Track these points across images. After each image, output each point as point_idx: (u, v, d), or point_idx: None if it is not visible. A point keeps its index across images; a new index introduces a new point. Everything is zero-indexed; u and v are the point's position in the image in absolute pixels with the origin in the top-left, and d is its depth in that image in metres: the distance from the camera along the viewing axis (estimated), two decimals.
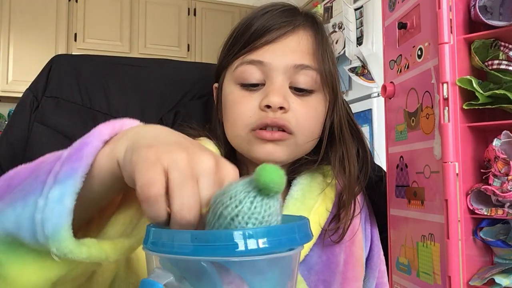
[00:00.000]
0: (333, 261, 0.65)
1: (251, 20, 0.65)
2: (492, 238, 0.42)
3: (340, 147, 0.68)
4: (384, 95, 0.56)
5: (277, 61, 0.62)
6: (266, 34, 0.63)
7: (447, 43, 0.43)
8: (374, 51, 2.10)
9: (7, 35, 3.24)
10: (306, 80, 0.62)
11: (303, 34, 0.64)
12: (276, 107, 0.60)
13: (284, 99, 0.60)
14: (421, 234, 0.48)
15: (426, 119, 0.47)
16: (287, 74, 0.62)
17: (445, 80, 0.42)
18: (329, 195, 0.67)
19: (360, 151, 0.70)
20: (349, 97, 2.31)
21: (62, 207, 0.36)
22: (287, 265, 0.34)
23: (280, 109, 0.60)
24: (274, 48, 0.62)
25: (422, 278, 0.48)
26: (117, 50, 3.40)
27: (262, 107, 0.61)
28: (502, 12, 0.44)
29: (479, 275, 0.42)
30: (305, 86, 0.63)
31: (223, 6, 3.81)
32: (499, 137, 0.41)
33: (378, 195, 0.71)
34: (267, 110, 0.60)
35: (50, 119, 0.68)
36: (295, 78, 0.62)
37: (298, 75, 0.62)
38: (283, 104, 0.60)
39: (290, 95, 0.62)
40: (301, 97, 0.63)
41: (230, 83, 0.65)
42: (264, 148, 0.61)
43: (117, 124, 0.42)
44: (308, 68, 0.63)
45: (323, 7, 2.59)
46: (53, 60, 0.74)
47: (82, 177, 0.37)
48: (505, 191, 0.40)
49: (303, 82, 0.62)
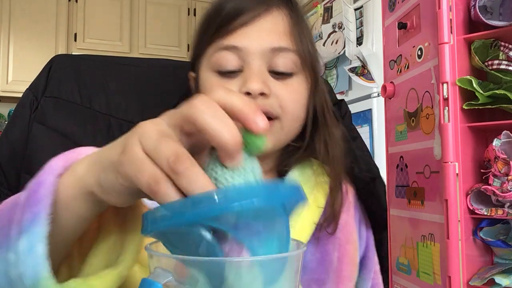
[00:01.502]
0: (327, 259, 0.64)
1: (223, 2, 0.61)
2: (492, 238, 0.42)
3: (323, 131, 0.65)
4: (384, 95, 0.56)
5: (253, 45, 0.58)
6: (239, 16, 0.59)
7: (447, 43, 0.43)
8: (374, 51, 2.10)
9: (7, 35, 3.24)
10: (285, 63, 0.60)
11: (278, 14, 0.61)
12: (256, 93, 0.57)
13: (264, 84, 0.58)
14: (421, 234, 0.48)
15: (426, 119, 0.47)
16: (265, 58, 0.59)
17: (445, 80, 0.42)
18: (321, 191, 0.65)
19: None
20: (349, 97, 2.31)
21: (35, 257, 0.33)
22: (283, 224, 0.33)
23: (260, 95, 0.57)
24: (248, 31, 0.59)
25: (422, 278, 0.48)
26: (117, 50, 3.40)
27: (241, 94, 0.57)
28: (502, 12, 0.44)
29: (479, 275, 0.42)
30: (285, 69, 0.60)
31: None
32: (499, 137, 0.41)
33: (370, 195, 0.71)
34: (247, 97, 0.56)
35: (49, 119, 0.68)
36: (274, 61, 0.59)
37: (277, 58, 0.59)
38: (263, 90, 0.57)
39: (270, 79, 0.59)
40: (282, 80, 0.60)
41: (206, 71, 0.62)
42: None
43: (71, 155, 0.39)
44: (287, 50, 0.60)
45: (323, 7, 2.58)
46: (53, 60, 0.74)
47: (46, 219, 0.34)
48: (505, 191, 0.40)
49: (282, 65, 0.60)
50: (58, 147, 0.45)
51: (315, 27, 2.66)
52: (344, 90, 2.35)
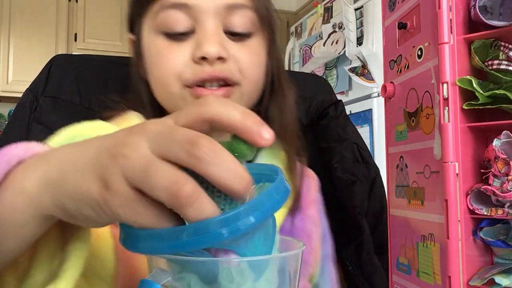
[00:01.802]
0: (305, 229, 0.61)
1: None
2: (492, 238, 0.42)
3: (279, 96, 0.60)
4: (384, 95, 0.56)
5: (205, 1, 0.52)
6: None
7: (447, 43, 0.43)
8: (374, 51, 2.10)
9: (7, 35, 3.24)
10: (243, 22, 0.54)
11: None
12: (213, 58, 0.51)
13: (221, 47, 0.52)
14: (421, 234, 0.48)
15: (426, 119, 0.47)
16: (220, 17, 0.53)
17: (445, 80, 0.42)
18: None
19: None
20: (349, 97, 2.31)
21: None
22: (268, 225, 0.32)
23: (218, 59, 0.51)
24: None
25: (422, 278, 0.48)
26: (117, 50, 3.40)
27: (196, 59, 0.51)
28: (502, 12, 0.44)
29: (479, 275, 0.42)
30: (242, 29, 0.54)
31: None
32: (499, 137, 0.41)
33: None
34: (203, 62, 0.51)
35: (48, 118, 0.68)
36: (230, 20, 0.53)
37: (233, 16, 0.53)
38: (221, 54, 0.51)
39: (227, 41, 0.53)
40: (240, 41, 0.54)
41: (151, 33, 0.54)
42: None
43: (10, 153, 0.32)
44: (243, 7, 0.54)
45: (323, 7, 2.59)
46: (53, 60, 0.74)
47: None
48: (505, 191, 0.40)
49: (240, 24, 0.54)
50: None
51: (315, 27, 2.66)
52: (344, 90, 2.35)
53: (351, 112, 2.23)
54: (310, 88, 0.82)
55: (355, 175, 0.73)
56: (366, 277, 0.72)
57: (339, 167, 0.71)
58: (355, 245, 0.73)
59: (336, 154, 0.73)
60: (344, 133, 0.75)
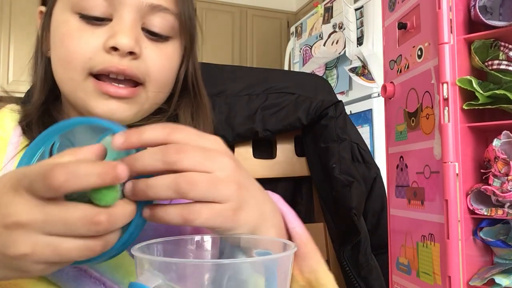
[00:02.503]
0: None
1: None
2: (492, 238, 0.42)
3: (194, 101, 0.60)
4: (384, 95, 0.56)
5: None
6: None
7: (447, 43, 0.43)
8: (374, 51, 2.10)
9: (7, 35, 3.24)
10: (163, 25, 0.53)
11: None
12: (125, 51, 0.50)
13: (136, 43, 0.50)
14: (421, 234, 0.48)
15: (426, 119, 0.47)
16: (140, 13, 0.52)
17: (445, 80, 0.42)
18: None
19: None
20: (349, 97, 2.31)
21: None
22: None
23: (129, 54, 0.50)
24: None
25: (422, 278, 0.48)
26: None
27: (107, 48, 0.50)
28: (502, 12, 0.44)
29: (479, 275, 0.42)
30: (161, 31, 0.53)
31: (223, 6, 3.81)
32: (499, 137, 0.41)
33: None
34: (113, 53, 0.50)
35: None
36: (150, 19, 0.52)
37: (154, 16, 0.52)
38: (134, 49, 0.50)
39: (143, 39, 0.52)
40: (156, 42, 0.54)
41: (64, 10, 0.52)
42: (106, 104, 0.51)
43: None
44: (167, 11, 0.53)
45: (324, 7, 2.59)
46: None
47: None
48: (505, 191, 0.40)
49: (159, 26, 0.53)
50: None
51: (316, 27, 2.66)
52: (344, 90, 2.35)
53: (351, 112, 2.23)
54: (310, 88, 0.82)
55: (353, 176, 0.73)
56: (363, 278, 0.73)
57: (337, 167, 0.71)
58: (351, 246, 0.73)
59: (334, 154, 0.73)
60: (343, 133, 0.75)
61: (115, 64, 0.50)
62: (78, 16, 0.51)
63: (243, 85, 0.80)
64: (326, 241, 0.81)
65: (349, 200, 0.71)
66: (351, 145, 0.78)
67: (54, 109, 0.58)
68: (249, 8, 3.91)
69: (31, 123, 0.55)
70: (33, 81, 0.58)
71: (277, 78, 0.82)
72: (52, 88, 0.57)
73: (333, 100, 0.78)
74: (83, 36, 0.50)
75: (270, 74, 0.84)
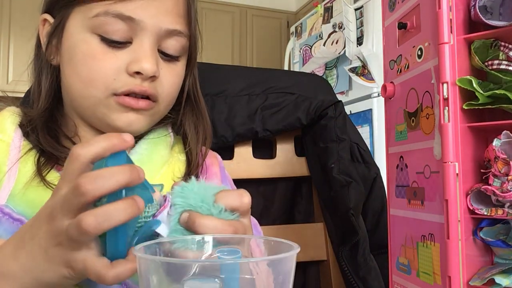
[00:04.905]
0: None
1: None
2: (492, 238, 0.42)
3: (196, 108, 0.64)
4: (384, 95, 0.56)
5: (150, 20, 0.54)
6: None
7: (447, 43, 0.43)
8: (374, 51, 2.10)
9: (7, 35, 3.24)
10: (176, 47, 0.57)
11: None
12: (148, 75, 0.54)
13: (157, 67, 0.55)
14: (421, 234, 0.48)
15: (426, 119, 0.47)
16: (158, 37, 0.55)
17: (445, 80, 0.42)
18: (178, 162, 0.63)
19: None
20: (349, 97, 2.31)
21: None
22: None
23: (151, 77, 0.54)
24: (148, 4, 0.54)
25: (422, 278, 0.48)
26: None
27: (131, 72, 0.53)
28: (502, 12, 0.44)
29: (479, 275, 0.42)
30: (174, 52, 0.57)
31: (223, 6, 3.81)
32: (499, 137, 0.41)
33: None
34: (136, 76, 0.53)
35: None
36: (165, 42, 0.56)
37: (169, 40, 0.56)
38: (156, 73, 0.54)
39: (160, 61, 0.56)
40: (168, 62, 0.58)
41: (82, 29, 0.54)
42: (126, 116, 0.55)
43: None
44: (180, 34, 0.57)
45: (323, 7, 2.58)
46: None
47: None
48: (505, 191, 0.40)
49: (173, 48, 0.57)
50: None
51: (315, 27, 2.66)
52: (344, 90, 2.35)
53: (351, 112, 2.23)
54: (310, 88, 0.82)
55: (351, 176, 0.73)
56: (361, 278, 0.73)
57: (336, 167, 0.71)
58: (350, 246, 0.73)
59: (333, 154, 0.74)
60: (342, 133, 0.75)
61: (138, 86, 0.54)
62: (99, 38, 0.54)
63: (243, 85, 0.80)
64: (326, 241, 0.82)
65: (347, 200, 0.71)
66: (350, 145, 0.78)
67: (57, 113, 0.60)
68: (249, 8, 3.91)
69: (36, 129, 0.57)
70: (34, 85, 0.60)
71: (277, 78, 0.82)
72: (56, 92, 0.60)
73: (333, 100, 0.78)
74: (106, 59, 0.53)
75: (270, 74, 0.84)
